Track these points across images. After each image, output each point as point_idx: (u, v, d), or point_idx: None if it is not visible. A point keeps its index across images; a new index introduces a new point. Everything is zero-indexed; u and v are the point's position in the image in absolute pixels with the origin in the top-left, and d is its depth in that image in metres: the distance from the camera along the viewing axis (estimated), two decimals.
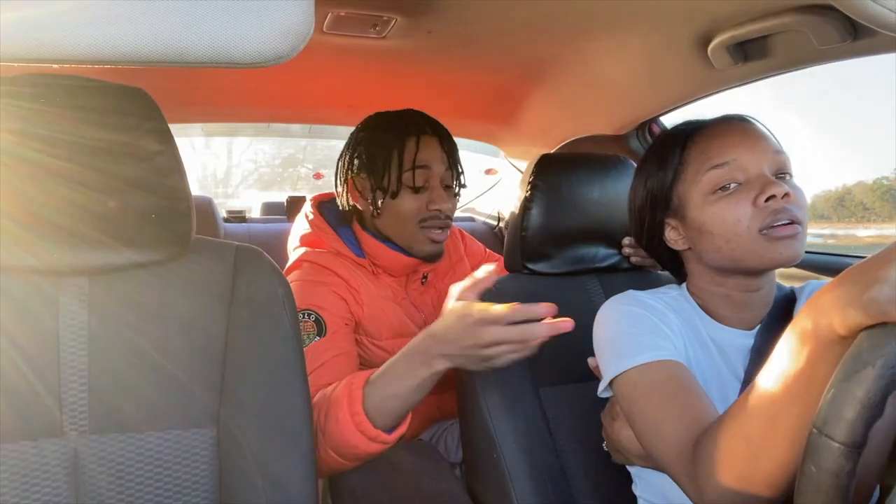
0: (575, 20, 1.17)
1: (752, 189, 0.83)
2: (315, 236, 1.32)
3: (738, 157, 0.85)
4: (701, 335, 0.91)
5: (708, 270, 0.91)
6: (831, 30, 0.97)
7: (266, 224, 2.89)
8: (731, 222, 0.84)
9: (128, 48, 0.38)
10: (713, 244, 0.87)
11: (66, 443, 0.82)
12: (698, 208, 0.87)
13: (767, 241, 0.82)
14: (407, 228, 1.26)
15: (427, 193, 1.26)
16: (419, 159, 1.24)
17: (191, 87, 1.65)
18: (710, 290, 0.92)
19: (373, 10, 1.12)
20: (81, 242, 0.82)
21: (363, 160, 1.27)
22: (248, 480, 0.85)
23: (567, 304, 1.18)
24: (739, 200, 0.84)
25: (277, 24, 0.40)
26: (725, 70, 1.21)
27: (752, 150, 0.85)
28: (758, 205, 0.82)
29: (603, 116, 1.71)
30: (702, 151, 0.88)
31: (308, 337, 1.14)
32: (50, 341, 0.82)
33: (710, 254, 0.88)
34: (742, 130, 0.88)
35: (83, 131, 0.79)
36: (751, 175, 0.85)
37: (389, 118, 1.30)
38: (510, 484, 1.01)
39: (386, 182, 1.24)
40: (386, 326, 1.28)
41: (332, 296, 1.21)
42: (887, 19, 0.43)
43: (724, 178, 0.85)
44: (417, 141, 1.24)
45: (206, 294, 0.89)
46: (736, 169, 0.85)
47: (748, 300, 0.91)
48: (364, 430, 0.97)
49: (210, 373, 0.87)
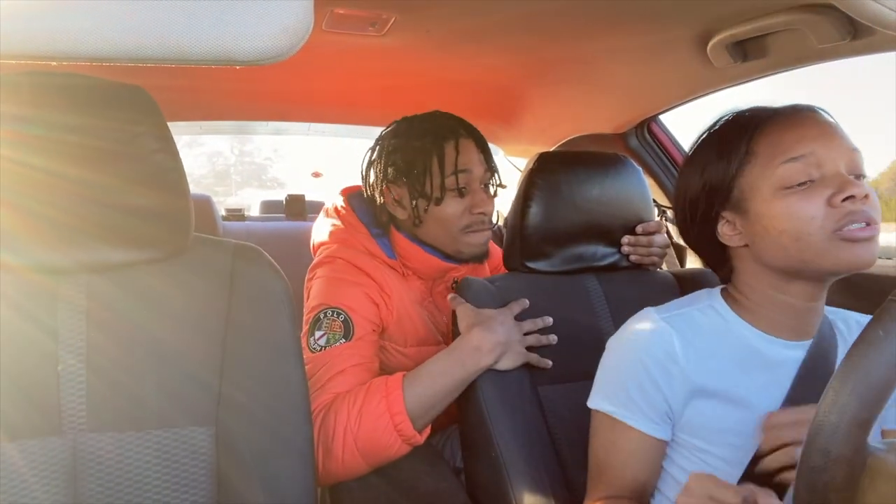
0: (574, 19, 1.16)
1: (827, 186, 0.77)
2: (348, 233, 1.28)
3: (814, 151, 0.79)
4: (737, 350, 0.86)
5: (767, 273, 0.84)
6: (831, 28, 0.97)
7: (265, 222, 2.88)
8: (805, 219, 0.77)
9: (127, 46, 0.38)
10: (779, 242, 0.80)
11: (64, 441, 0.82)
12: (766, 203, 0.81)
13: (843, 242, 0.76)
14: (451, 234, 1.23)
15: (469, 197, 1.23)
16: (460, 163, 1.20)
17: (189, 86, 1.65)
18: (768, 294, 0.85)
19: (371, 9, 1.12)
20: (80, 240, 0.82)
21: (400, 168, 1.23)
22: (246, 478, 0.85)
23: (566, 302, 1.19)
24: (813, 197, 0.77)
25: (276, 22, 0.40)
26: (725, 69, 1.21)
27: (829, 146, 0.79)
28: (833, 204, 0.76)
29: (602, 115, 1.71)
30: (774, 143, 0.81)
31: (333, 337, 1.12)
32: (48, 339, 0.82)
33: (774, 253, 0.81)
34: (818, 123, 0.81)
35: (82, 129, 0.79)
36: (827, 172, 0.78)
37: (420, 123, 1.26)
38: (508, 483, 1.01)
39: (429, 188, 1.20)
40: (412, 333, 1.26)
41: (365, 298, 1.18)
42: (887, 18, 0.43)
43: (800, 173, 0.79)
44: (456, 144, 1.21)
45: (206, 292, 0.89)
46: (812, 164, 0.79)
47: (809, 310, 0.85)
48: (402, 431, 1.02)
49: (208, 371, 0.87)
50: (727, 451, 0.83)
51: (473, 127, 1.28)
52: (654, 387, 0.84)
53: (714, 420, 0.84)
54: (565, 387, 1.16)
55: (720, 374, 0.85)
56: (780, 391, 0.83)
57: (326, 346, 1.10)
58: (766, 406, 0.82)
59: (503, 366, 1.10)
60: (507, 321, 1.12)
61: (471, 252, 1.26)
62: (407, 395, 1.03)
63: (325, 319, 1.13)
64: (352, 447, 1.00)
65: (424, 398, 1.05)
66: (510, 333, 1.11)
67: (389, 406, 1.02)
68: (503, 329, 1.10)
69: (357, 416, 1.01)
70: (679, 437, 0.86)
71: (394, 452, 1.03)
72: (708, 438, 0.84)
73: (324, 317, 1.14)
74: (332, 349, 1.10)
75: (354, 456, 1.01)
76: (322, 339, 1.11)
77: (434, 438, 1.39)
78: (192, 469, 0.85)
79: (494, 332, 1.09)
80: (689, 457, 0.86)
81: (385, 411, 1.01)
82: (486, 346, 1.07)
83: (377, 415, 1.01)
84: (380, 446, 1.02)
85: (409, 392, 1.04)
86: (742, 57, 1.16)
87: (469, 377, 1.08)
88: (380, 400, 1.02)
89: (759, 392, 0.83)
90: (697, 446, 0.84)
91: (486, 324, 1.10)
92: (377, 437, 1.01)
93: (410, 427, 1.02)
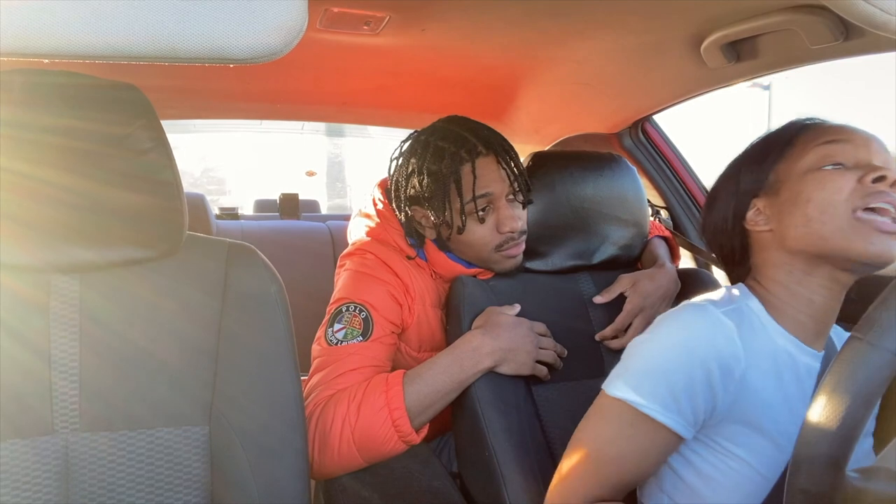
0: (568, 19, 1.17)
1: (860, 170, 0.78)
2: (381, 227, 1.25)
3: (852, 140, 0.81)
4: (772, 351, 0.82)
5: (789, 260, 0.83)
6: (823, 29, 0.97)
7: (259, 221, 2.88)
8: (832, 190, 0.78)
9: (120, 44, 0.38)
10: (804, 215, 0.80)
11: (57, 440, 0.81)
12: (798, 178, 0.82)
13: (861, 225, 0.76)
14: (482, 254, 1.19)
15: (494, 216, 1.15)
16: (478, 187, 1.12)
17: (183, 84, 1.65)
18: (790, 288, 0.84)
19: (366, 8, 1.11)
20: (72, 239, 0.82)
21: (420, 193, 1.17)
22: (240, 478, 0.85)
23: (560, 301, 1.19)
24: (846, 173, 0.79)
25: (270, 20, 0.40)
26: (718, 69, 1.21)
27: (867, 144, 0.81)
28: (864, 182, 0.77)
29: (596, 115, 1.72)
30: (815, 134, 0.84)
31: (351, 333, 1.11)
32: (41, 338, 0.82)
33: (797, 228, 0.81)
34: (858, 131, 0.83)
35: (74, 127, 0.79)
36: (861, 160, 0.80)
37: (437, 141, 1.17)
38: (502, 482, 1.01)
39: (449, 216, 1.15)
40: (428, 337, 1.25)
41: (388, 297, 1.16)
42: (878, 19, 0.43)
43: (836, 153, 0.80)
44: (473, 167, 1.13)
45: (199, 291, 0.89)
46: (848, 150, 0.80)
47: (828, 308, 0.83)
48: (399, 427, 1.03)
49: (202, 371, 0.87)
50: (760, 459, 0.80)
51: (494, 135, 1.19)
52: (708, 390, 0.78)
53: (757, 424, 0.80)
54: (560, 386, 1.16)
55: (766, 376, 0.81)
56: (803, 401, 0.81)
57: (343, 340, 1.10)
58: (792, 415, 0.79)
59: (505, 371, 1.10)
60: (518, 330, 1.12)
61: (501, 267, 1.21)
62: (407, 391, 1.04)
63: (346, 313, 1.13)
64: (349, 440, 1.01)
65: (423, 396, 1.05)
66: (517, 342, 1.10)
67: (388, 401, 1.02)
68: (509, 336, 1.10)
69: (356, 409, 1.02)
70: (714, 439, 0.82)
71: (390, 448, 1.04)
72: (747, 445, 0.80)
73: (346, 310, 1.13)
74: (348, 346, 1.10)
75: (351, 449, 1.01)
76: (340, 332, 1.11)
77: (431, 444, 1.39)
78: (186, 469, 0.85)
79: (496, 337, 1.09)
80: (716, 463, 0.82)
81: (384, 406, 1.02)
82: (484, 349, 1.08)
83: (376, 409, 1.02)
84: (376, 441, 1.02)
85: (409, 389, 1.04)
86: (735, 57, 1.16)
87: (468, 378, 1.08)
88: (379, 395, 1.03)
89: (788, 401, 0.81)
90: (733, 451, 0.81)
91: (489, 328, 1.10)
92: (374, 432, 1.02)
93: (408, 424, 1.03)
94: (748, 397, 0.79)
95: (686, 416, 0.78)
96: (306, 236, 2.66)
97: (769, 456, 0.79)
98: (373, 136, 3.59)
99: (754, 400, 0.79)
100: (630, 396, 0.79)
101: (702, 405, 0.78)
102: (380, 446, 1.03)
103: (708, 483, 0.82)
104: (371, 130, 3.43)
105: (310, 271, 2.33)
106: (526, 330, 1.12)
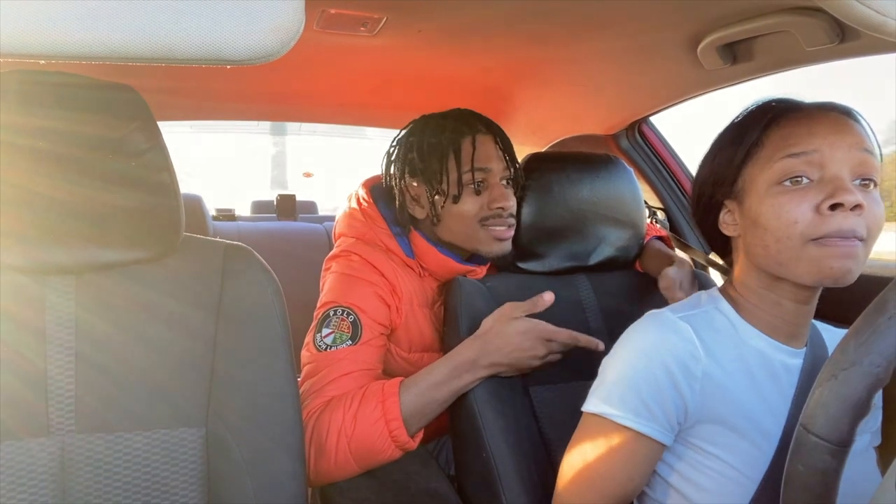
0: (565, 20, 1.17)
1: (821, 191, 0.74)
2: (367, 227, 1.25)
3: (819, 150, 0.75)
4: (741, 352, 0.83)
5: (756, 270, 0.83)
6: (819, 31, 0.97)
7: (256, 222, 2.88)
8: (787, 222, 0.75)
9: (117, 45, 0.38)
10: (762, 240, 0.78)
11: (52, 442, 0.81)
12: (759, 197, 0.79)
13: (818, 250, 0.74)
14: (469, 229, 1.19)
15: (487, 193, 1.19)
16: (477, 159, 1.17)
17: (180, 85, 1.64)
18: (759, 292, 0.84)
19: (363, 9, 1.12)
20: (69, 240, 0.82)
21: (417, 166, 1.20)
22: (236, 480, 0.85)
23: (557, 302, 1.19)
24: (803, 200, 0.75)
25: (267, 21, 0.40)
26: (715, 71, 1.22)
27: (837, 146, 0.75)
28: (821, 211, 0.73)
29: (593, 116, 1.72)
30: (783, 136, 0.78)
31: (340, 337, 1.10)
32: (37, 340, 0.82)
33: (757, 250, 0.80)
34: (833, 121, 0.77)
35: (71, 128, 0.79)
36: (827, 174, 0.75)
37: (438, 120, 1.23)
38: (500, 484, 1.01)
39: (445, 185, 1.17)
40: (418, 338, 1.24)
41: (376, 299, 1.16)
42: (874, 21, 0.43)
43: (797, 169, 0.76)
44: (473, 140, 1.18)
45: (195, 292, 0.88)
46: (813, 163, 0.75)
47: (799, 313, 0.82)
48: (396, 437, 1.02)
49: (198, 372, 0.87)
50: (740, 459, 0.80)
51: (494, 123, 1.25)
52: (674, 391, 0.79)
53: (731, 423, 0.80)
54: (556, 387, 1.16)
55: (734, 376, 0.81)
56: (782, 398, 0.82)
57: (332, 345, 1.09)
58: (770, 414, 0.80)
59: (506, 375, 1.09)
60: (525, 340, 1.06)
61: (488, 250, 1.21)
62: (403, 401, 1.03)
63: (334, 318, 1.12)
64: (345, 450, 1.00)
65: (420, 405, 1.04)
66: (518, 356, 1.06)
67: (385, 412, 1.01)
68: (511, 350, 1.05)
69: (352, 420, 1.00)
70: (692, 442, 0.83)
71: (387, 457, 1.04)
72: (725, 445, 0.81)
73: (333, 315, 1.12)
74: (338, 351, 1.09)
75: (347, 459, 1.01)
76: (329, 337, 1.10)
77: (429, 446, 1.39)
78: (182, 470, 0.85)
79: (497, 351, 1.05)
80: (696, 466, 0.82)
81: (381, 417, 1.01)
82: (482, 362, 1.06)
83: (372, 420, 1.01)
84: (373, 451, 1.02)
85: (406, 399, 1.03)
86: (732, 59, 1.17)
87: (466, 387, 1.07)
88: (376, 405, 1.02)
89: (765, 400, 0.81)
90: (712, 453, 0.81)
91: (491, 338, 1.06)
92: (371, 442, 1.01)
93: (405, 433, 1.02)
94: (717, 396, 0.80)
95: (660, 422, 0.80)
96: (303, 237, 2.65)
97: (749, 454, 0.80)
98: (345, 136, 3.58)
99: (724, 398, 0.80)
100: (604, 410, 0.82)
101: (672, 408, 0.80)
102: (377, 455, 1.03)
103: (694, 487, 0.82)
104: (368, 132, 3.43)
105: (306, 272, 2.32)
106: (533, 341, 1.06)
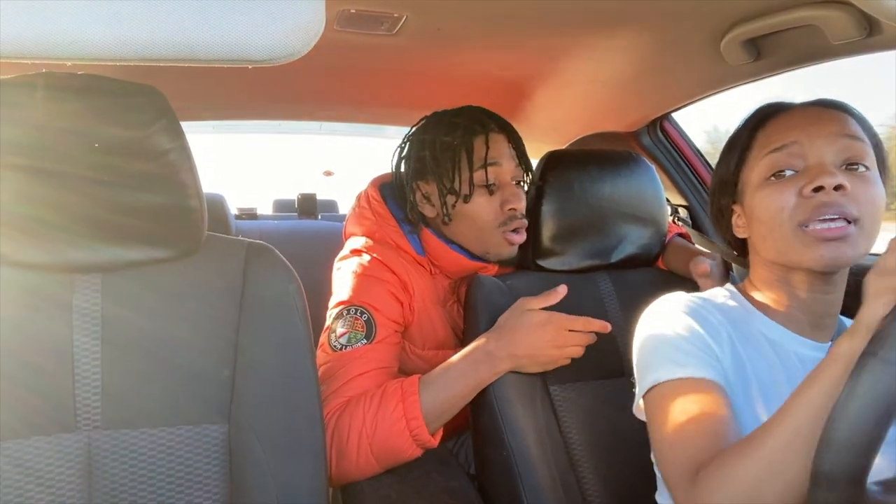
0: (586, 16, 1.16)
1: (804, 177, 0.77)
2: (377, 226, 1.24)
3: (798, 141, 0.78)
4: (757, 341, 0.83)
5: (767, 264, 0.84)
6: (846, 25, 0.95)
7: (277, 221, 2.90)
8: (774, 210, 0.78)
9: (140, 46, 0.38)
10: (760, 232, 0.81)
11: (79, 438, 0.83)
12: (752, 194, 0.82)
13: (807, 237, 0.75)
14: (484, 232, 1.19)
15: (500, 193, 1.18)
16: (490, 157, 1.16)
17: (202, 86, 1.66)
18: (775, 285, 0.84)
19: (383, 8, 1.12)
20: (94, 239, 0.83)
21: (428, 163, 1.19)
22: (258, 476, 0.86)
23: (578, 301, 1.18)
24: (787, 188, 0.77)
25: (289, 21, 0.40)
26: (738, 66, 1.20)
27: (817, 135, 0.78)
28: (803, 194, 0.76)
29: (614, 113, 1.70)
30: (767, 135, 0.82)
31: (355, 336, 1.09)
32: (63, 337, 0.83)
33: (760, 243, 0.83)
34: (815, 114, 0.81)
35: (96, 128, 0.80)
36: (809, 162, 0.78)
37: (451, 118, 1.22)
38: (520, 482, 1.01)
39: (457, 184, 1.16)
40: (431, 335, 1.24)
41: (389, 297, 1.16)
42: None
43: (781, 162, 0.79)
44: (486, 139, 1.17)
45: (218, 291, 0.89)
46: (795, 154, 0.78)
47: (816, 302, 0.82)
48: (417, 436, 1.02)
49: (221, 369, 0.87)
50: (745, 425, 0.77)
51: (507, 122, 1.24)
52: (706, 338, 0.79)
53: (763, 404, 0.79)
54: (577, 386, 1.15)
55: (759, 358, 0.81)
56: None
57: (347, 345, 1.09)
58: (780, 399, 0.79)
59: (530, 370, 1.08)
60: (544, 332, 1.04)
61: (497, 254, 1.21)
62: (423, 399, 1.02)
63: (347, 317, 1.11)
64: (366, 451, 1.00)
65: (440, 402, 1.04)
66: (537, 345, 1.04)
67: (406, 411, 1.01)
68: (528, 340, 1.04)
69: (373, 421, 1.00)
70: None
71: (408, 456, 1.03)
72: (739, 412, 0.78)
73: (347, 314, 1.12)
74: (353, 350, 1.08)
75: (369, 459, 1.01)
76: (343, 337, 1.10)
77: (448, 444, 1.39)
78: (205, 467, 0.86)
79: (513, 342, 1.04)
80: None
81: (401, 416, 1.01)
82: (500, 354, 1.04)
83: (393, 420, 1.00)
84: (395, 450, 1.02)
85: (425, 397, 1.02)
86: (756, 54, 1.15)
87: (485, 381, 1.06)
88: (396, 404, 1.01)
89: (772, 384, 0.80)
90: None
91: (506, 330, 1.05)
92: (392, 442, 1.01)
93: (426, 432, 1.02)
94: (745, 371, 0.80)
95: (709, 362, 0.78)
96: (324, 236, 2.67)
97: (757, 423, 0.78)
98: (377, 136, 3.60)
99: (751, 376, 0.80)
100: (659, 376, 0.79)
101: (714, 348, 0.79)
102: (398, 455, 1.02)
103: None
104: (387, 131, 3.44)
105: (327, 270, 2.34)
106: (552, 332, 1.04)
